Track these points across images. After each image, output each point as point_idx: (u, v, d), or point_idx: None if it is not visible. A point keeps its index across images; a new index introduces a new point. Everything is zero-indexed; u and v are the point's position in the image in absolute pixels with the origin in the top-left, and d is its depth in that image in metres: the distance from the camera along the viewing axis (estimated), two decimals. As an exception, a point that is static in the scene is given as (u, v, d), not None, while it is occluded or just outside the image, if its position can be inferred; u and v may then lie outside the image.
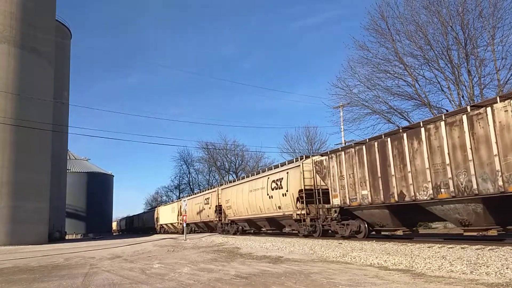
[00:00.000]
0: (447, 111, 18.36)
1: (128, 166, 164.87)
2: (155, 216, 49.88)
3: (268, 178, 20.14)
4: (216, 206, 27.35)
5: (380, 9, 24.23)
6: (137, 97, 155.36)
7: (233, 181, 26.52)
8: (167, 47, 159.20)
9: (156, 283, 6.88)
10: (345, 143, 25.55)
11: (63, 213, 41.96)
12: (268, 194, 19.73)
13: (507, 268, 6.19)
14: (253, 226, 23.69)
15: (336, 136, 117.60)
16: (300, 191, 16.73)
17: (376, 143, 12.55)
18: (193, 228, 35.92)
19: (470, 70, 21.80)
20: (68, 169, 48.39)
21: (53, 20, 32.71)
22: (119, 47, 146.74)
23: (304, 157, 18.09)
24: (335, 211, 14.38)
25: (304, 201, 16.40)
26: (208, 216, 29.86)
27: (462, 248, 8.98)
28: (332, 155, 14.80)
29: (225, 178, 56.23)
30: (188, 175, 68.46)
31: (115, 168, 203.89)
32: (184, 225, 25.96)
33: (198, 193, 35.50)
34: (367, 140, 13.23)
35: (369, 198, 12.59)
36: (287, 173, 18.10)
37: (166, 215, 44.04)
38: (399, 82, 24.73)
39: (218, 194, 27.54)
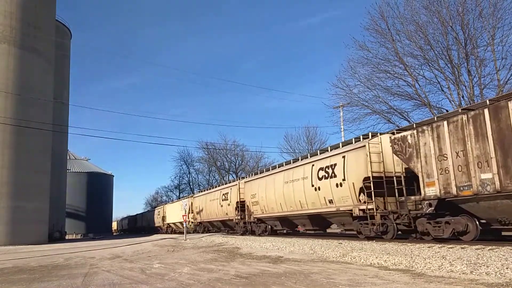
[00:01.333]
0: (447, 111, 18.37)
1: (128, 166, 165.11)
2: (162, 215, 47.32)
3: (313, 165, 16.43)
4: (238, 202, 24.05)
5: (380, 9, 24.24)
6: (137, 97, 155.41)
7: (260, 172, 23.10)
8: (167, 47, 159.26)
9: (156, 283, 6.87)
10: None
11: (63, 213, 41.95)
12: (313, 185, 16.18)
13: (507, 268, 6.19)
14: (287, 225, 20.66)
15: (336, 136, 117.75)
16: (366, 179, 13.05)
17: (510, 103, 8.87)
18: (206, 228, 32.75)
19: (470, 70, 21.81)
20: (68, 169, 48.38)
21: (53, 20, 32.69)
22: (119, 47, 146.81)
23: (369, 136, 14.18)
24: (429, 205, 10.84)
25: (372, 193, 12.68)
26: (226, 214, 26.30)
27: (462, 248, 8.99)
28: (424, 128, 11.15)
29: (225, 178, 56.25)
30: (188, 175, 68.51)
31: (115, 168, 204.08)
32: (185, 225, 25.97)
33: (213, 188, 31.75)
34: (488, 102, 9.78)
35: (496, 183, 9.07)
36: (344, 157, 14.45)
37: (174, 213, 40.94)
38: (399, 82, 24.75)
39: (239, 188, 24.20)
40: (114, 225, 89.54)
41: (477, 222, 10.27)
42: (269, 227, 21.55)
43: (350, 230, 16.21)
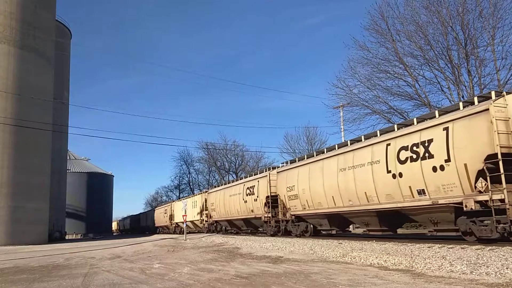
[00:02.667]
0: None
1: (128, 166, 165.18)
2: (169, 214, 43.73)
3: (389, 144, 12.22)
4: (268, 197, 20.07)
5: (380, 9, 24.26)
6: (137, 97, 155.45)
7: (300, 159, 18.51)
8: (167, 47, 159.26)
9: (156, 283, 6.87)
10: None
11: (63, 213, 41.97)
12: (389, 171, 12.03)
13: (507, 268, 6.19)
14: (336, 224, 16.52)
15: (336, 136, 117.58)
16: (489, 157, 9.30)
17: None
18: (224, 228, 28.76)
19: (470, 70, 21.81)
20: (68, 169, 48.39)
21: (53, 20, 32.71)
22: (119, 47, 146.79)
23: (492, 95, 9.79)
24: None
25: (503, 177, 8.93)
26: (251, 211, 22.31)
27: (462, 248, 8.98)
28: None
29: (225, 178, 56.23)
30: (188, 175, 68.50)
31: (115, 168, 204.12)
32: (184, 225, 26.01)
33: (233, 181, 27.52)
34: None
35: None
36: (446, 129, 10.35)
37: (184, 211, 38.42)
38: (399, 82, 24.76)
39: (269, 180, 20.19)
40: (114, 225, 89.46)
41: None
42: (311, 226, 17.62)
43: (444, 230, 11.65)
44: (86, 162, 66.34)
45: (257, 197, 21.35)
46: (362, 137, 14.31)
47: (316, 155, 16.88)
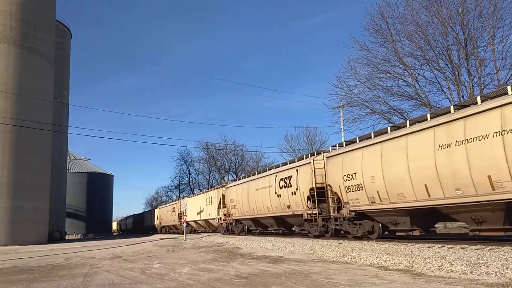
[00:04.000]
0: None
1: (128, 166, 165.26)
2: (177, 212, 39.77)
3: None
4: (312, 189, 16.05)
5: (380, 9, 24.28)
6: (137, 97, 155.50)
7: (366, 137, 14.18)
8: (167, 47, 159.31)
9: (156, 283, 6.87)
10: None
11: (63, 213, 41.99)
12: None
13: (507, 268, 6.18)
14: (420, 222, 12.53)
15: (336, 136, 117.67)
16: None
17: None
18: (246, 227, 24.65)
19: (470, 70, 21.82)
20: (68, 169, 48.40)
21: (53, 20, 32.72)
22: (119, 47, 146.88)
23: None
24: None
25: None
26: (288, 207, 18.25)
27: (462, 248, 8.98)
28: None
29: (225, 178, 56.23)
30: (188, 175, 68.53)
31: (115, 168, 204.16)
32: (184, 225, 25.89)
33: (258, 172, 23.42)
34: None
35: None
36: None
37: (197, 209, 33.52)
38: (399, 82, 24.78)
39: (313, 168, 16.07)
40: (114, 225, 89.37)
41: None
42: (380, 225, 13.62)
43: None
44: (86, 162, 66.36)
45: (296, 189, 17.45)
46: (478, 98, 10.29)
47: (393, 131, 12.89)
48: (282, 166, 19.86)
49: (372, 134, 13.77)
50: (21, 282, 7.90)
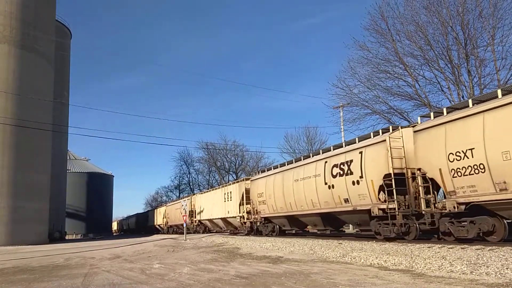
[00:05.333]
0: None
1: (128, 166, 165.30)
2: (189, 209, 34.69)
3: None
4: (388, 175, 12.06)
5: (380, 9, 24.28)
6: (138, 97, 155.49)
7: (492, 96, 9.99)
8: (167, 47, 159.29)
9: (156, 283, 6.88)
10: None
11: (63, 213, 41.98)
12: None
13: (507, 268, 6.19)
14: None
15: (336, 136, 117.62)
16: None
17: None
18: (277, 227, 20.23)
19: (470, 70, 21.82)
20: (68, 169, 48.39)
21: (53, 20, 32.71)
22: (119, 47, 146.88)
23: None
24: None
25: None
26: (345, 200, 14.15)
27: (462, 248, 8.98)
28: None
29: (225, 178, 56.22)
30: (188, 175, 68.52)
31: (115, 168, 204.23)
32: (184, 225, 25.67)
33: (297, 160, 18.83)
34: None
35: None
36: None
37: (212, 206, 29.30)
38: (399, 82, 24.79)
39: (389, 148, 12.12)
40: (114, 225, 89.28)
41: None
42: (504, 224, 10.08)
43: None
44: (86, 162, 66.36)
45: (360, 177, 13.30)
46: None
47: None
48: (334, 149, 15.61)
49: (500, 92, 9.67)
50: (21, 282, 7.90)
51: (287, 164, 19.26)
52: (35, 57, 28.39)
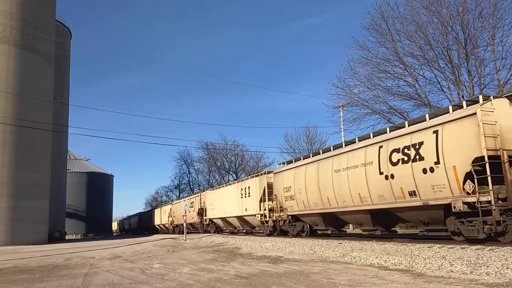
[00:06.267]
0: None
1: (128, 166, 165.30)
2: (198, 207, 32.80)
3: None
4: (479, 159, 9.52)
5: (380, 9, 24.29)
6: (138, 97, 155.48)
7: None
8: (167, 47, 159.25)
9: (156, 283, 6.87)
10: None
11: (63, 213, 41.98)
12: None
13: (507, 268, 6.18)
14: None
15: (336, 136, 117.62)
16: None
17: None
18: (307, 227, 17.74)
19: (470, 70, 21.83)
20: (68, 169, 48.39)
21: (53, 20, 32.71)
22: (119, 47, 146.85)
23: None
24: None
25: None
26: (411, 193, 11.54)
27: (462, 248, 8.98)
28: None
29: (225, 178, 56.20)
30: (188, 175, 68.51)
31: (115, 168, 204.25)
32: (184, 225, 25.57)
33: (335, 147, 15.86)
34: None
35: None
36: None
37: (225, 203, 26.55)
38: (399, 82, 24.79)
39: (480, 123, 9.58)
40: (114, 225, 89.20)
41: None
42: None
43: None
44: (86, 162, 66.38)
45: (436, 163, 10.61)
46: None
47: None
48: (391, 130, 12.81)
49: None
50: (21, 282, 7.89)
51: (323, 153, 16.29)
52: (35, 57, 28.38)
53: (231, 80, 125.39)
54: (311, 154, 17.51)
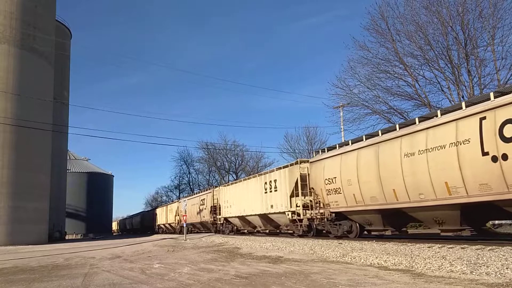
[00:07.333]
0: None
1: (128, 166, 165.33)
2: (210, 205, 29.88)
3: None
4: None
5: (380, 9, 24.31)
6: (138, 97, 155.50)
7: None
8: (168, 47, 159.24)
9: (156, 283, 6.87)
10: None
11: (63, 213, 42.00)
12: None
13: (507, 268, 6.18)
14: None
15: (336, 136, 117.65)
16: None
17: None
18: (358, 226, 14.82)
19: (470, 70, 21.83)
20: (68, 169, 48.40)
21: (53, 20, 32.72)
22: (120, 47, 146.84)
23: None
24: None
25: None
26: None
27: (462, 248, 8.98)
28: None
29: (225, 178, 56.18)
30: (188, 175, 68.48)
31: (115, 168, 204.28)
32: (184, 225, 25.50)
33: (397, 128, 12.62)
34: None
35: None
36: None
37: (244, 200, 23.64)
38: (399, 82, 24.81)
39: None
40: (114, 225, 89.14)
41: None
42: None
43: None
44: (86, 162, 66.39)
45: None
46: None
47: None
48: (496, 96, 9.81)
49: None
50: (21, 282, 7.89)
51: (382, 134, 13.03)
52: (35, 57, 28.39)
53: (231, 80, 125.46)
54: (364, 137, 14.17)
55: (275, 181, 19.87)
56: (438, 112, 11.27)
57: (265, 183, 20.90)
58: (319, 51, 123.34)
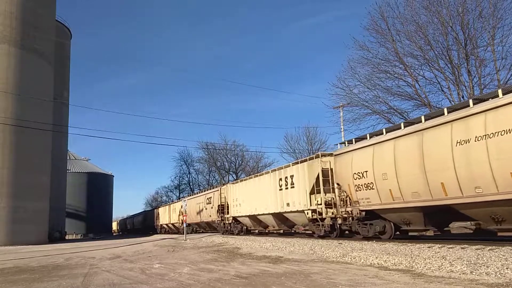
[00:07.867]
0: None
1: (128, 166, 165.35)
2: (217, 203, 28.10)
3: None
4: None
5: (380, 9, 24.29)
6: (138, 97, 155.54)
7: None
8: (167, 47, 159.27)
9: (156, 283, 6.87)
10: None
11: (63, 213, 41.99)
12: None
13: (507, 268, 6.19)
14: None
15: (336, 136, 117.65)
16: None
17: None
18: (393, 226, 13.11)
19: (470, 70, 21.82)
20: (68, 169, 48.38)
21: (53, 20, 32.72)
22: (120, 48, 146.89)
23: None
24: None
25: None
26: None
27: (462, 248, 8.98)
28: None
29: (225, 178, 56.18)
30: (188, 175, 68.45)
31: (115, 168, 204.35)
32: (185, 225, 25.44)
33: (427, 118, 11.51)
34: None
35: None
36: None
37: (255, 198, 21.82)
38: (399, 82, 24.79)
39: None
40: (114, 225, 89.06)
41: None
42: None
43: None
44: (86, 162, 66.35)
45: None
46: None
47: None
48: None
49: None
50: (22, 282, 7.90)
51: (425, 121, 11.40)
52: (35, 57, 28.39)
53: (231, 80, 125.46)
54: (402, 124, 12.58)
55: (291, 177, 18.09)
56: (499, 91, 9.54)
57: (280, 179, 18.99)
58: (319, 51, 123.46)
